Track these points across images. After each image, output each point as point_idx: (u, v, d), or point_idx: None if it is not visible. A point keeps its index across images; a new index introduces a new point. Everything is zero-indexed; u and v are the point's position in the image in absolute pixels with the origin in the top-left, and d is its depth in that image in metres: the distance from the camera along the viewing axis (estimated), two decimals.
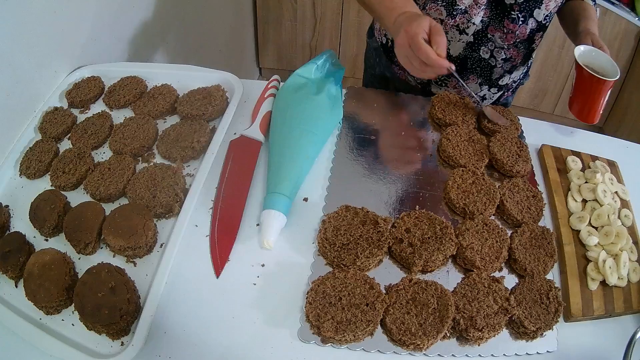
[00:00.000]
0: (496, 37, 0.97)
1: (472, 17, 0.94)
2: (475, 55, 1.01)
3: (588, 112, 0.96)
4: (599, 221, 0.80)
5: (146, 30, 1.31)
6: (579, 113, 0.97)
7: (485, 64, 1.03)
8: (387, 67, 1.18)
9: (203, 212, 0.79)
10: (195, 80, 0.99)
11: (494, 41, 0.98)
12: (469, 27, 0.96)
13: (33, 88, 0.94)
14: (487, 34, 0.97)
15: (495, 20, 0.95)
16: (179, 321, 0.67)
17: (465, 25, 0.96)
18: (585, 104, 0.95)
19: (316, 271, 0.71)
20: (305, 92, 0.92)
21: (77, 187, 0.83)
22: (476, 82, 1.07)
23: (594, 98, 0.93)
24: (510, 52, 1.00)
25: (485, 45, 0.99)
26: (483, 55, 1.01)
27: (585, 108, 0.96)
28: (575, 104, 0.98)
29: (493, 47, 0.99)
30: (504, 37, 0.96)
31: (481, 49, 1.00)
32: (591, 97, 0.93)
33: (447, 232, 0.74)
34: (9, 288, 0.71)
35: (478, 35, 0.98)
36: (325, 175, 0.86)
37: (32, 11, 0.89)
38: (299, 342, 0.66)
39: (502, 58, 1.01)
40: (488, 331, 0.65)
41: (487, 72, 1.04)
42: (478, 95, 1.10)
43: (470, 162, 0.87)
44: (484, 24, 0.96)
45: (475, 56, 1.01)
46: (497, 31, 0.96)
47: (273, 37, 2.43)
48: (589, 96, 0.94)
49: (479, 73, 1.05)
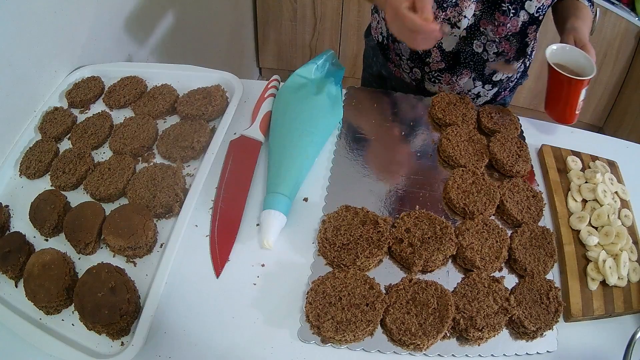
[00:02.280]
0: (488, 31, 0.97)
1: (463, 9, 0.94)
2: (468, 49, 1.01)
3: (565, 113, 0.93)
4: (599, 221, 0.80)
5: (146, 30, 1.31)
6: (556, 115, 0.95)
7: (479, 58, 1.02)
8: (384, 65, 1.19)
9: (203, 212, 0.79)
10: (195, 80, 0.99)
11: (486, 35, 0.98)
12: (461, 21, 0.95)
13: (33, 88, 0.94)
14: (479, 28, 0.97)
15: (487, 13, 0.94)
16: (179, 321, 0.67)
17: (456, 18, 0.95)
18: (562, 106, 0.92)
19: (316, 271, 0.71)
20: (305, 92, 0.92)
21: (77, 187, 0.83)
22: (469, 76, 1.06)
23: (569, 99, 0.90)
24: (502, 45, 0.99)
25: (478, 39, 0.99)
26: (476, 49, 1.00)
27: (562, 109, 0.93)
28: (551, 106, 0.95)
29: (485, 40, 0.99)
30: (495, 30, 0.96)
31: (474, 43, 0.99)
32: (566, 98, 0.90)
33: (447, 232, 0.74)
34: (9, 288, 0.71)
35: (471, 29, 0.97)
36: (325, 175, 0.86)
37: (32, 11, 0.89)
38: (299, 342, 0.66)
39: (494, 52, 1.00)
40: (488, 331, 0.65)
41: (480, 67, 1.04)
42: (472, 92, 1.10)
43: (470, 162, 0.87)
44: (476, 17, 0.95)
45: (469, 50, 1.01)
46: (489, 24, 0.95)
47: (273, 37, 2.43)
48: (564, 98, 0.90)
49: (472, 67, 1.04)
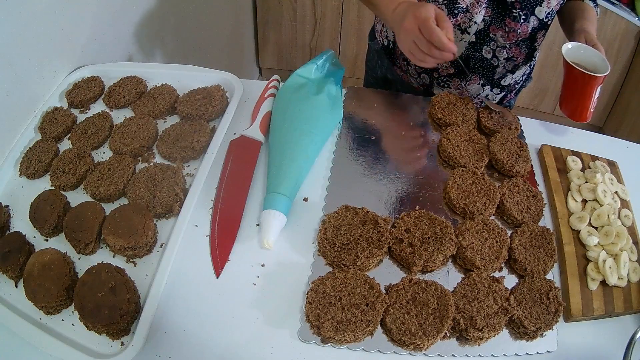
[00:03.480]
0: (498, 37, 0.97)
1: (474, 15, 0.94)
2: (477, 55, 1.01)
3: (580, 110, 0.93)
4: (599, 221, 0.80)
5: (146, 30, 1.31)
6: (571, 112, 0.95)
7: (488, 64, 1.03)
8: (389, 69, 1.18)
9: (203, 212, 0.79)
10: (195, 80, 0.99)
11: (495, 40, 0.98)
12: (471, 27, 0.96)
13: (33, 88, 0.94)
14: (489, 34, 0.97)
15: (497, 19, 0.95)
16: (179, 321, 0.67)
17: (467, 24, 0.96)
18: (576, 102, 0.93)
19: (316, 271, 0.71)
20: (305, 92, 0.92)
21: (77, 187, 0.83)
22: (478, 82, 1.07)
23: (584, 96, 0.91)
24: (512, 51, 1.00)
25: (488, 44, 0.99)
26: (485, 55, 1.01)
27: (577, 106, 0.94)
28: (566, 103, 0.96)
29: (495, 46, 0.99)
30: (505, 35, 0.96)
31: (483, 49, 1.00)
32: (581, 94, 0.91)
33: (447, 232, 0.74)
34: (9, 288, 0.71)
35: (480, 35, 0.98)
36: (325, 175, 0.86)
37: (32, 11, 0.89)
38: (299, 342, 0.66)
39: (504, 57, 1.01)
40: (488, 331, 0.65)
41: (490, 72, 1.04)
42: (480, 96, 1.10)
43: (470, 162, 0.87)
44: (485, 23, 0.96)
45: (478, 56, 1.01)
46: (499, 30, 0.96)
47: (273, 38, 2.43)
48: (579, 94, 0.91)
49: (481, 73, 1.05)
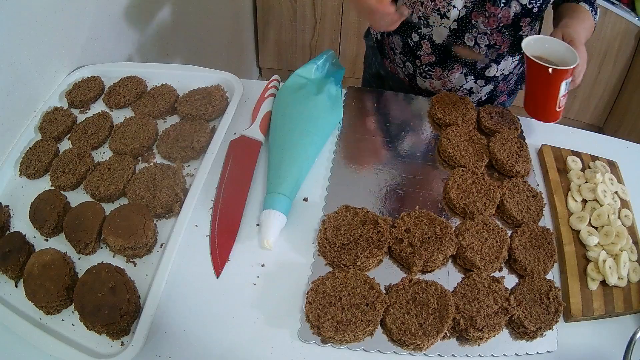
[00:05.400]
0: (479, 23, 0.96)
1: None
2: (459, 42, 1.00)
3: (545, 109, 0.85)
4: (599, 221, 0.80)
5: (146, 30, 1.31)
6: (534, 111, 0.87)
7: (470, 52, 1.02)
8: (381, 65, 1.19)
9: (203, 212, 0.79)
10: (195, 80, 0.99)
11: (477, 27, 0.97)
12: (450, 11, 0.95)
13: (33, 88, 0.94)
14: (470, 20, 0.96)
15: (478, 4, 0.94)
16: (179, 321, 0.67)
17: (445, 9, 0.95)
18: (540, 100, 0.85)
19: (316, 271, 0.71)
20: (305, 92, 0.92)
21: (77, 187, 0.83)
22: (461, 71, 1.05)
23: (549, 92, 0.82)
24: (493, 37, 0.98)
25: (470, 32, 0.98)
26: (467, 42, 0.99)
27: (541, 104, 0.85)
28: (529, 102, 0.87)
29: (477, 33, 0.98)
30: (486, 21, 0.94)
31: (465, 36, 0.99)
32: (545, 90, 0.83)
33: (447, 232, 0.74)
34: (9, 288, 0.71)
35: (462, 22, 0.97)
36: (325, 175, 0.86)
37: (32, 11, 0.89)
38: (299, 342, 0.66)
39: (486, 44, 0.99)
40: (488, 331, 0.65)
41: (472, 61, 1.03)
42: (464, 88, 1.09)
43: (470, 162, 0.87)
44: (467, 9, 0.95)
45: (460, 43, 1.00)
46: (480, 16, 0.94)
47: (273, 37, 2.43)
48: (542, 91, 0.83)
49: (463, 62, 1.03)
